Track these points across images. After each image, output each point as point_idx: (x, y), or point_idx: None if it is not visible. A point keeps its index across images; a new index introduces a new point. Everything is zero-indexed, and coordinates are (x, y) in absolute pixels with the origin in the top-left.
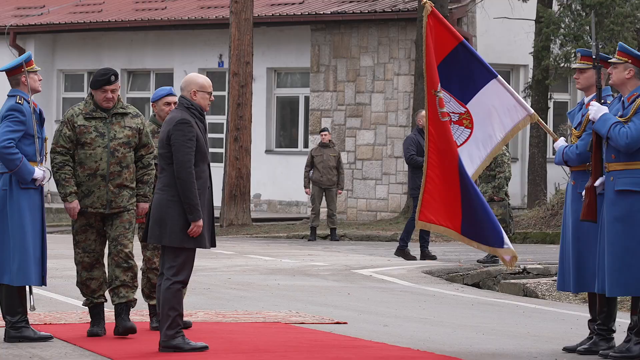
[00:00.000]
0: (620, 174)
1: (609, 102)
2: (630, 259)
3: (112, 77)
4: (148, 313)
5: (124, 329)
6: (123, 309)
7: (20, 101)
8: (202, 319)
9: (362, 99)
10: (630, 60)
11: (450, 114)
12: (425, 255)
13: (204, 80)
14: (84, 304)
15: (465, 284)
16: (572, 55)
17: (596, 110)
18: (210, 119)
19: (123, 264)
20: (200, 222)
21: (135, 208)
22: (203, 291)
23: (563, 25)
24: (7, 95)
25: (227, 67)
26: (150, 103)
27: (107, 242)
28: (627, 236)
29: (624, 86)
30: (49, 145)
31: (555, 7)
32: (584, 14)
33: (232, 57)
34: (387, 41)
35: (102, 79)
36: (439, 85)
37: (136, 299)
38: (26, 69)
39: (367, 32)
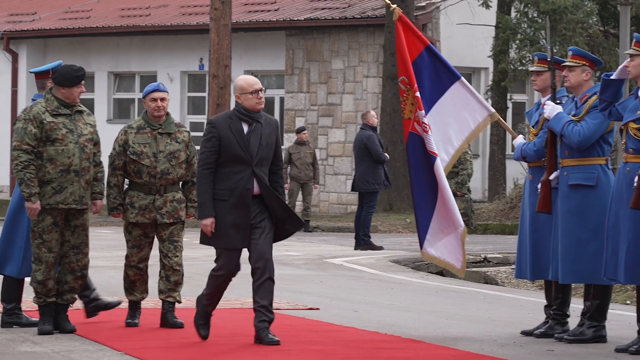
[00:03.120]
0: (573, 170)
1: (563, 102)
2: (583, 249)
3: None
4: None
5: (64, 331)
6: (64, 309)
7: None
8: (184, 305)
9: (334, 99)
10: (587, 63)
11: (421, 123)
12: (367, 245)
13: (243, 82)
14: (36, 302)
15: (429, 272)
16: (529, 59)
17: (551, 109)
18: (191, 118)
19: (77, 272)
20: (206, 221)
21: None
22: (185, 279)
23: (520, 31)
24: (32, 100)
25: (207, 70)
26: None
27: (64, 247)
28: (580, 228)
29: (580, 87)
30: None
31: (513, 13)
32: (539, 20)
33: (212, 60)
34: (357, 45)
35: (79, 75)
36: (418, 92)
37: (75, 298)
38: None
39: (338, 37)
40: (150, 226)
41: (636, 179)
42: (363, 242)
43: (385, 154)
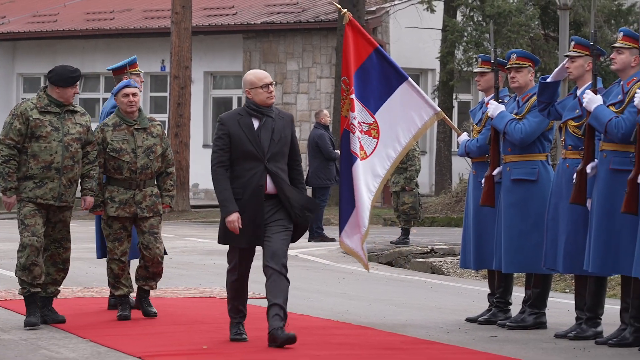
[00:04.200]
0: (515, 165)
1: (505, 101)
2: (524, 240)
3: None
4: (108, 301)
5: (53, 321)
6: (49, 302)
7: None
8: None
9: (289, 99)
10: (531, 65)
11: (362, 124)
12: (320, 237)
13: (253, 76)
14: (21, 293)
15: (379, 263)
16: (474, 60)
17: (494, 108)
18: (154, 116)
19: (59, 265)
20: (231, 217)
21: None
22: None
23: (466, 34)
24: (112, 93)
25: (169, 71)
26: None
27: (46, 240)
28: (522, 220)
29: (525, 87)
30: None
31: (459, 17)
32: (484, 23)
33: (173, 62)
34: (311, 48)
35: (74, 76)
36: (353, 93)
37: (59, 290)
38: (129, 70)
39: (293, 40)
40: (129, 220)
41: (575, 175)
42: (316, 235)
43: (337, 151)
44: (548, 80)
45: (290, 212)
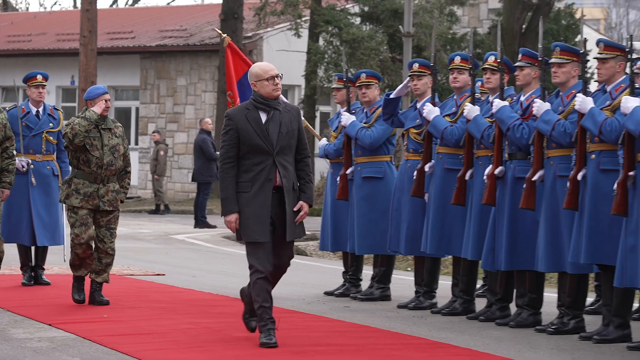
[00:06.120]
0: (365, 165)
1: (355, 112)
2: (373, 227)
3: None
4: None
5: None
6: None
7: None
8: (57, 272)
9: (178, 109)
10: (377, 82)
11: None
12: (204, 224)
13: (259, 68)
14: None
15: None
16: (332, 78)
17: (347, 118)
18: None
19: None
20: (229, 217)
21: None
22: (57, 250)
23: (326, 56)
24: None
25: (77, 85)
26: (87, 101)
27: None
28: (371, 211)
29: (373, 101)
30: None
31: (321, 42)
32: (341, 47)
33: (81, 77)
34: (197, 67)
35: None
36: (238, 101)
37: None
38: (29, 83)
39: (182, 60)
40: (92, 210)
41: (415, 173)
42: (201, 222)
43: (217, 152)
44: (392, 95)
45: (289, 209)
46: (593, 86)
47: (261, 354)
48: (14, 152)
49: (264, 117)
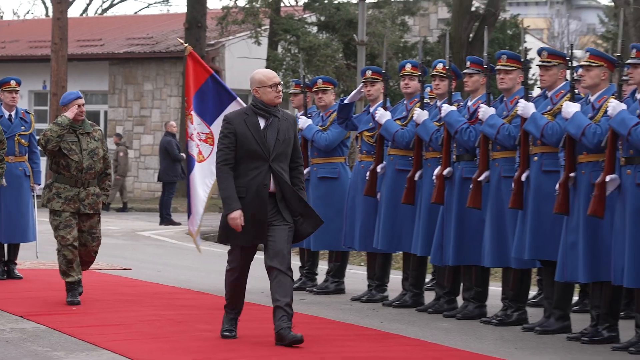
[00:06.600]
0: (321, 166)
1: (312, 115)
2: (329, 225)
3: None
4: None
5: None
6: None
7: None
8: (29, 267)
9: (145, 112)
10: (333, 87)
11: (200, 133)
12: (169, 222)
13: (262, 75)
14: None
15: (216, 242)
16: (290, 84)
17: (303, 122)
18: (36, 126)
19: None
20: (233, 214)
21: None
22: (29, 246)
23: (284, 63)
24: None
25: (49, 90)
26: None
27: None
28: (326, 209)
29: (329, 105)
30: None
31: (280, 49)
32: (299, 54)
33: (53, 82)
34: (163, 72)
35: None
36: (192, 110)
37: None
38: (2, 87)
39: (149, 66)
40: (74, 213)
41: (367, 174)
42: (166, 219)
43: (182, 154)
44: (346, 101)
45: (284, 214)
46: (536, 92)
47: (222, 344)
48: (3, 156)
49: (262, 123)
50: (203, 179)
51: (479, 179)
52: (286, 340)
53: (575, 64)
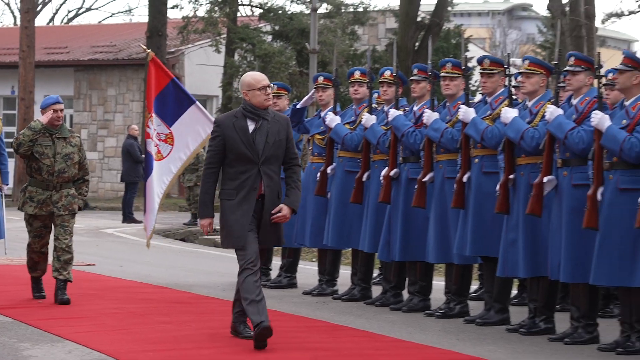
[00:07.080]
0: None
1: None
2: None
3: None
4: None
5: None
6: None
7: None
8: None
9: (109, 116)
10: (287, 93)
11: (160, 134)
12: (131, 220)
13: (251, 78)
14: None
15: (175, 239)
16: None
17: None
18: (5, 129)
19: None
20: (203, 221)
21: None
22: None
23: (240, 69)
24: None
25: (17, 94)
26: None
27: None
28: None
29: (283, 110)
30: None
31: (236, 57)
32: (255, 62)
33: (20, 87)
34: (125, 78)
35: None
36: (153, 112)
37: None
38: None
39: (112, 72)
40: (48, 218)
41: (318, 174)
42: (128, 218)
43: (143, 155)
44: (298, 105)
45: (265, 215)
46: (478, 98)
47: (181, 337)
48: None
49: (251, 127)
50: (160, 176)
51: (423, 180)
52: (240, 335)
53: (514, 71)
